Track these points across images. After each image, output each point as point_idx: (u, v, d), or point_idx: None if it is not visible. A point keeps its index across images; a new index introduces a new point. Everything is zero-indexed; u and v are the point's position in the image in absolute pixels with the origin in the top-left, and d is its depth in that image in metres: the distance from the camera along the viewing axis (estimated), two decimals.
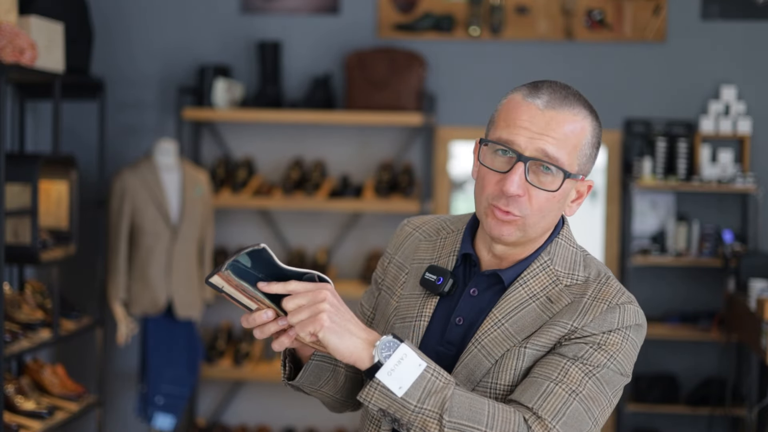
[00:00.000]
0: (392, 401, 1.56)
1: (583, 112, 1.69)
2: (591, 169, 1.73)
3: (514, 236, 1.69)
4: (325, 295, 1.57)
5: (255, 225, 5.54)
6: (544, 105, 1.66)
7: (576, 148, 1.67)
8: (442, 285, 1.74)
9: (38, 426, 4.12)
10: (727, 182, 5.11)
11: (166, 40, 5.52)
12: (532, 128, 1.65)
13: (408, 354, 1.57)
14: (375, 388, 1.56)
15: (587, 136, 1.69)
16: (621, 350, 1.66)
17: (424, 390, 1.56)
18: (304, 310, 1.56)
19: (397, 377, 1.55)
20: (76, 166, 4.53)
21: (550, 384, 1.61)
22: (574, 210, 1.74)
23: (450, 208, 5.50)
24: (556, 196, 1.67)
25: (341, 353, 1.57)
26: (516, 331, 1.67)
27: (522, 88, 1.70)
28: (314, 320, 1.56)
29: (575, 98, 1.69)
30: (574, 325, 1.65)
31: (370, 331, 1.60)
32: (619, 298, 1.69)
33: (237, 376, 5.33)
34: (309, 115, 5.21)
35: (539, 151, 1.64)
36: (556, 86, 1.69)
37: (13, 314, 4.26)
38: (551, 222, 1.72)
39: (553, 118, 1.65)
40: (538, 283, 1.71)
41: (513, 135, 1.66)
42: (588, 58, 5.35)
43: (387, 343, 1.57)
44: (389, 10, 5.41)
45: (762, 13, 5.26)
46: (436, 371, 1.58)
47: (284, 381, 1.78)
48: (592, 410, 1.63)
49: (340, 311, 1.58)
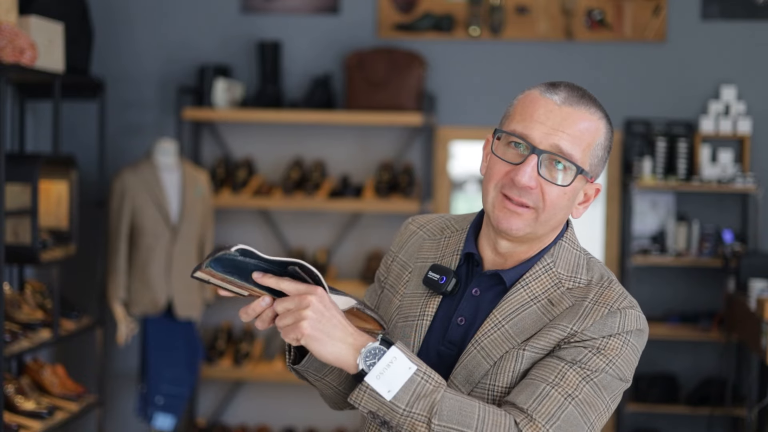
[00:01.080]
0: (381, 404, 1.56)
1: (598, 113, 1.70)
2: (601, 172, 1.74)
3: (523, 231, 1.68)
4: (309, 301, 1.56)
5: (255, 225, 5.54)
6: (562, 101, 1.67)
7: (589, 147, 1.68)
8: (445, 284, 1.74)
9: (38, 426, 4.12)
10: (727, 182, 5.11)
11: (166, 39, 5.52)
12: (547, 123, 1.65)
13: (398, 357, 1.56)
14: (364, 391, 1.56)
15: (600, 136, 1.70)
16: (620, 355, 1.64)
17: (413, 393, 1.56)
18: (288, 316, 1.57)
19: (386, 380, 1.55)
20: (76, 166, 4.53)
21: (546, 387, 1.60)
22: (580, 212, 1.74)
23: (450, 208, 5.50)
24: (568, 193, 1.67)
25: (325, 359, 1.58)
26: (516, 333, 1.67)
27: (540, 85, 1.71)
28: (295, 327, 1.56)
29: (591, 99, 1.70)
30: (574, 329, 1.65)
31: (359, 335, 1.59)
32: (620, 302, 1.67)
33: (237, 376, 5.33)
34: (309, 115, 5.21)
35: (553, 146, 1.65)
36: (574, 86, 1.71)
37: (13, 314, 4.27)
38: (560, 221, 1.71)
39: (570, 115, 1.66)
40: (540, 285, 1.70)
41: (528, 129, 1.66)
42: (588, 58, 5.35)
43: (372, 351, 1.57)
44: (389, 10, 5.41)
45: (762, 13, 5.26)
46: (426, 374, 1.57)
47: (289, 366, 1.78)
48: (588, 415, 1.62)
49: (325, 317, 1.57)
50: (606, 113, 1.72)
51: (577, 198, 1.72)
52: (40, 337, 4.25)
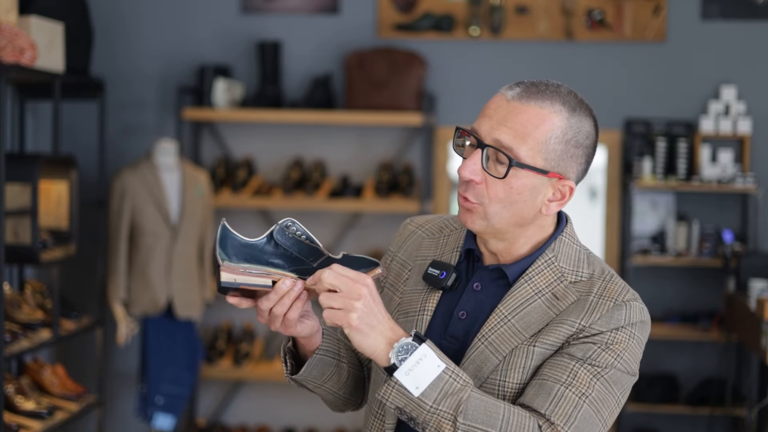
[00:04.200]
0: (409, 400, 1.57)
1: (555, 108, 1.65)
2: (576, 169, 1.70)
3: (477, 225, 1.69)
4: (362, 293, 1.57)
5: (255, 225, 5.54)
6: (512, 96, 1.66)
7: (538, 142, 1.64)
8: (445, 279, 1.75)
9: (38, 426, 4.12)
10: (727, 182, 5.11)
11: (166, 40, 5.52)
12: (494, 117, 1.66)
13: (427, 354, 1.57)
14: (393, 386, 1.58)
15: (554, 130, 1.65)
16: (627, 349, 1.66)
17: (441, 391, 1.57)
18: (337, 299, 1.58)
19: (414, 377, 1.57)
20: (76, 166, 4.53)
21: (560, 388, 1.62)
22: (552, 210, 1.71)
23: (450, 207, 5.50)
24: (515, 188, 1.66)
25: (363, 350, 1.59)
26: (523, 328, 1.68)
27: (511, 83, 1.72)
28: (344, 316, 1.57)
29: (555, 94, 1.67)
30: (582, 324, 1.66)
31: (397, 329, 1.61)
32: (624, 295, 1.69)
33: (237, 376, 5.33)
34: (309, 115, 5.21)
35: (495, 140, 1.65)
36: (541, 83, 1.68)
37: (13, 314, 4.27)
38: (520, 216, 1.69)
39: (515, 109, 1.65)
40: (543, 280, 1.71)
41: (478, 123, 1.68)
42: (588, 58, 5.35)
43: (404, 346, 1.58)
44: (389, 10, 5.41)
45: (762, 13, 5.26)
46: (454, 373, 1.58)
47: (287, 377, 1.79)
48: (602, 412, 1.63)
49: (373, 311, 1.59)
50: (576, 107, 1.67)
51: (541, 194, 1.68)
52: (40, 337, 4.25)
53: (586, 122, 1.69)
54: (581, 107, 1.69)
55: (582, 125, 1.68)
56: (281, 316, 1.63)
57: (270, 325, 1.65)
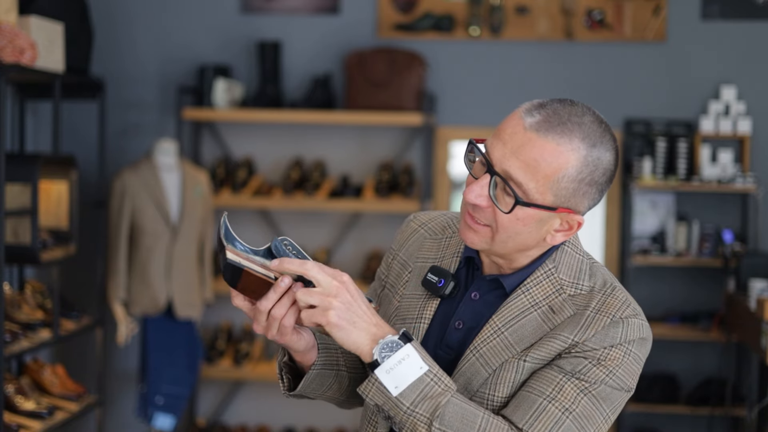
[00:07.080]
0: (387, 399, 1.56)
1: (573, 144, 1.57)
2: (586, 204, 1.64)
3: (479, 245, 1.65)
4: (338, 290, 1.56)
5: (255, 225, 5.54)
6: (530, 126, 1.57)
7: (548, 179, 1.58)
8: (443, 287, 1.71)
9: (38, 426, 4.12)
10: (727, 182, 5.11)
11: (166, 40, 5.52)
12: (508, 144, 1.58)
13: (411, 355, 1.55)
14: (372, 383, 1.57)
15: (569, 169, 1.58)
16: (621, 365, 1.61)
17: (420, 393, 1.55)
18: (314, 296, 1.56)
19: (395, 376, 1.55)
20: (76, 166, 4.53)
21: (543, 401, 1.58)
22: (558, 239, 1.65)
23: (450, 208, 5.50)
24: (521, 219, 1.60)
25: (347, 346, 1.57)
26: (515, 341, 1.64)
27: (533, 101, 1.63)
28: (322, 314, 1.56)
29: (577, 127, 1.58)
30: (575, 340, 1.61)
31: (382, 325, 1.59)
32: (623, 311, 1.63)
33: (237, 376, 5.33)
34: (309, 115, 5.21)
35: (504, 172, 1.59)
36: (564, 110, 1.59)
37: (13, 314, 4.26)
38: (525, 245, 1.64)
39: (531, 141, 1.57)
40: (541, 291, 1.66)
41: (492, 146, 1.61)
42: (588, 58, 5.35)
43: (389, 344, 1.56)
44: (389, 10, 5.41)
45: (762, 13, 5.26)
46: (437, 376, 1.56)
47: (285, 393, 1.77)
48: (586, 428, 1.59)
49: (352, 307, 1.56)
50: (596, 143, 1.59)
51: (547, 224, 1.63)
52: (40, 337, 4.25)
53: (605, 156, 1.61)
54: (603, 139, 1.60)
55: (600, 161, 1.60)
56: (279, 319, 1.60)
57: (266, 332, 1.62)
